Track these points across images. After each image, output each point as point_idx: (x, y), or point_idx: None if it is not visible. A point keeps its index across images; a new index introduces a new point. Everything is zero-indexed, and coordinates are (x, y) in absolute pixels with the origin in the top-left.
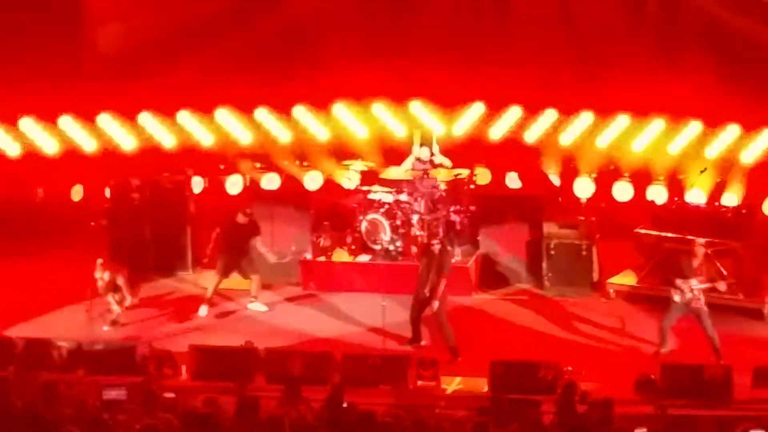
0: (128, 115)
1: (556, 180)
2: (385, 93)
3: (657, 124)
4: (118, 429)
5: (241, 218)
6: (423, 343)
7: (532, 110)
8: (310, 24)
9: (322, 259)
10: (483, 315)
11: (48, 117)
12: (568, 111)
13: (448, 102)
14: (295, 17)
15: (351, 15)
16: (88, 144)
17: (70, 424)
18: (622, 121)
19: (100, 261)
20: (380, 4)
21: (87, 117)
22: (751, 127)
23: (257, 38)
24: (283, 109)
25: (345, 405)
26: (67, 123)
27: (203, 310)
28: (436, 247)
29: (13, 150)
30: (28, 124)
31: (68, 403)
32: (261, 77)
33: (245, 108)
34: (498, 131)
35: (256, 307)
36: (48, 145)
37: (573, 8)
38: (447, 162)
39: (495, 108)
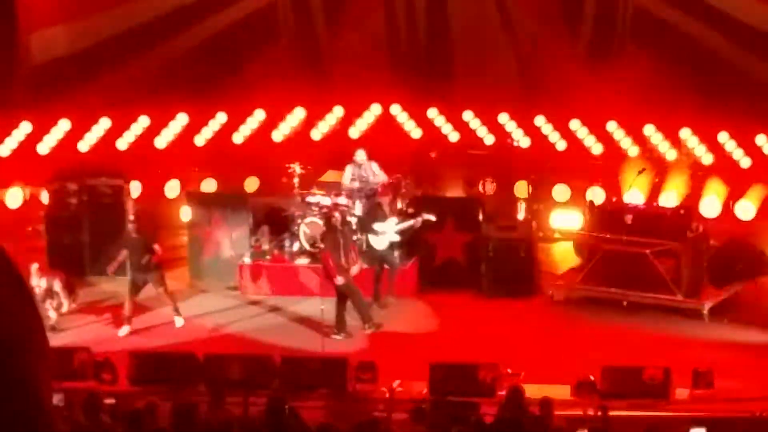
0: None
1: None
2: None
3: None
4: None
5: (130, 228)
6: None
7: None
8: (240, 33)
9: (261, 262)
10: (422, 317)
11: None
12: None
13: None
14: (226, 27)
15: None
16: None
17: None
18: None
19: (35, 267)
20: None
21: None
22: (694, 128)
23: (188, 46)
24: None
25: (287, 408)
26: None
27: (124, 330)
28: (337, 219)
29: None
30: None
31: None
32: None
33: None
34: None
35: (178, 322)
36: None
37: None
38: (381, 173)
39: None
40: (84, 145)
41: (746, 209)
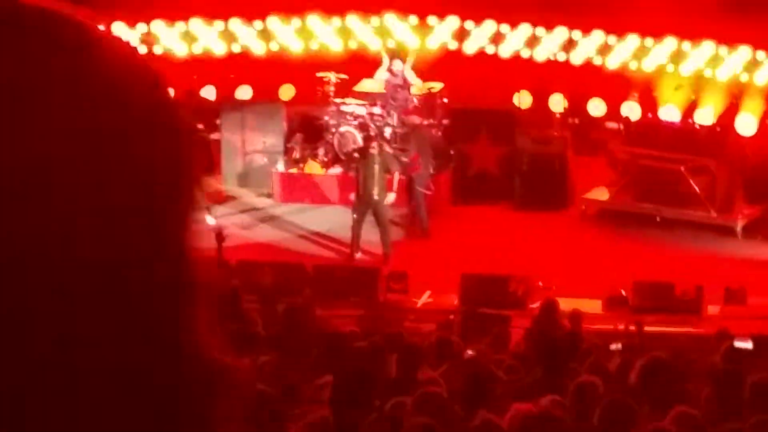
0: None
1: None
2: (358, 5)
3: (632, 41)
4: None
5: None
6: (358, 255)
7: (509, 24)
8: None
9: (294, 170)
10: (455, 229)
11: None
12: (545, 25)
13: (423, 15)
14: None
15: None
16: None
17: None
18: (597, 37)
19: None
20: None
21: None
22: (727, 43)
23: None
24: (256, 19)
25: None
26: None
27: None
28: (374, 150)
29: None
30: None
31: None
32: None
33: (220, 18)
34: (473, 45)
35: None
36: None
37: None
38: (417, 81)
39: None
40: None
41: None
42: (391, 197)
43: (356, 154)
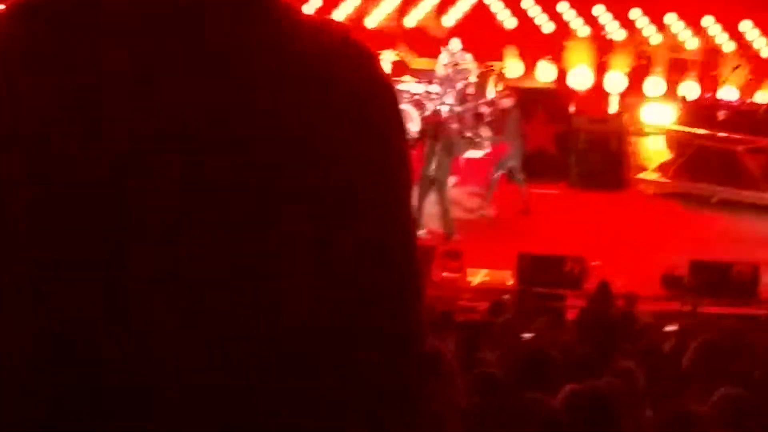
0: None
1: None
2: None
3: (691, 20)
4: None
5: None
6: (422, 232)
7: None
8: None
9: None
10: (511, 207)
11: None
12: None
13: None
14: None
15: None
16: None
17: None
18: (654, 15)
19: None
20: None
21: None
22: None
23: None
24: None
25: None
26: None
27: None
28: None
29: None
30: None
31: None
32: None
33: None
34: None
35: None
36: None
37: None
38: (472, 65)
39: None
40: None
41: None
42: (451, 180)
43: (417, 134)
